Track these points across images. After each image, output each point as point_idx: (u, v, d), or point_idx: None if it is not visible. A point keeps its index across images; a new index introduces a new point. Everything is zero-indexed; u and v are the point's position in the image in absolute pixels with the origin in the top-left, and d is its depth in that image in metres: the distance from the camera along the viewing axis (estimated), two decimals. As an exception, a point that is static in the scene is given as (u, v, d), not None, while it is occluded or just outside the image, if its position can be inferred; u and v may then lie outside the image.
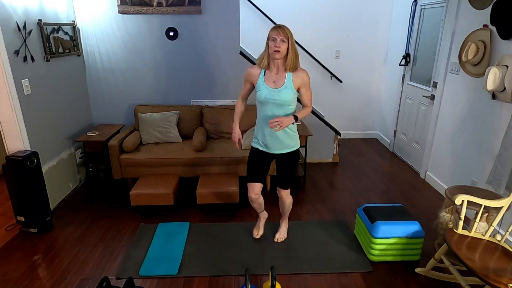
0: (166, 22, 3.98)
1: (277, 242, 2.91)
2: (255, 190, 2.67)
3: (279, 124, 2.30)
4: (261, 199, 2.80)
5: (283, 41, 2.28)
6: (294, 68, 2.38)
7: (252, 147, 2.65)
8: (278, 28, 2.29)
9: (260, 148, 2.60)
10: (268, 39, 2.34)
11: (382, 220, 2.63)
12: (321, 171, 4.43)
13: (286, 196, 2.77)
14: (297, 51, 2.38)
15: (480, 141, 3.17)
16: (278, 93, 2.38)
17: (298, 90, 2.45)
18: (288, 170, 2.65)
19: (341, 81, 5.37)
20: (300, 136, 3.78)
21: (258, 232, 2.97)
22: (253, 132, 2.85)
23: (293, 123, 2.44)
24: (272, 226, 3.08)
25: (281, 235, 2.96)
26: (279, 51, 2.28)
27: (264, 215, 2.97)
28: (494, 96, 2.95)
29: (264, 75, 2.44)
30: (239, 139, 2.66)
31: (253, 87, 2.54)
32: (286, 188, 2.72)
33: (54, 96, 3.52)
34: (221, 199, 3.31)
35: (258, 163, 2.64)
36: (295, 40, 2.39)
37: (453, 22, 3.55)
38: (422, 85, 4.32)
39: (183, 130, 4.08)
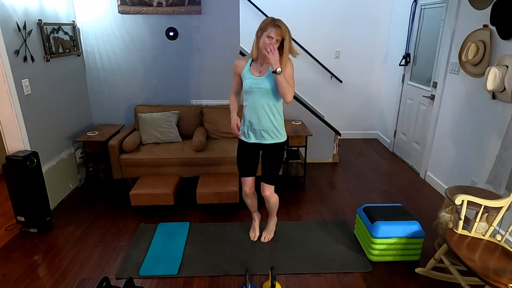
0: (166, 22, 3.98)
1: (264, 242, 2.89)
2: (249, 184, 2.70)
3: (272, 51, 2.21)
4: (255, 195, 2.81)
5: (277, 40, 2.26)
6: (285, 65, 2.33)
7: (239, 140, 2.65)
8: (278, 27, 2.23)
9: (246, 140, 2.58)
10: (261, 30, 2.28)
11: (382, 220, 2.63)
12: (321, 171, 4.43)
13: (270, 196, 2.70)
14: (291, 48, 2.33)
15: (480, 141, 3.17)
16: (262, 81, 2.38)
17: None
18: (273, 162, 2.61)
19: (341, 81, 5.37)
20: (300, 136, 3.88)
21: (255, 234, 2.95)
22: None
23: (275, 72, 2.25)
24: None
25: (269, 234, 2.93)
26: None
27: (258, 215, 2.97)
28: (494, 96, 2.95)
29: (250, 65, 2.44)
30: (237, 124, 2.57)
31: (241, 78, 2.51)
32: (271, 183, 2.65)
33: (54, 96, 3.52)
34: (221, 199, 3.31)
35: (247, 156, 2.63)
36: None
37: (453, 22, 3.55)
38: (422, 85, 4.32)
39: (183, 130, 4.08)
